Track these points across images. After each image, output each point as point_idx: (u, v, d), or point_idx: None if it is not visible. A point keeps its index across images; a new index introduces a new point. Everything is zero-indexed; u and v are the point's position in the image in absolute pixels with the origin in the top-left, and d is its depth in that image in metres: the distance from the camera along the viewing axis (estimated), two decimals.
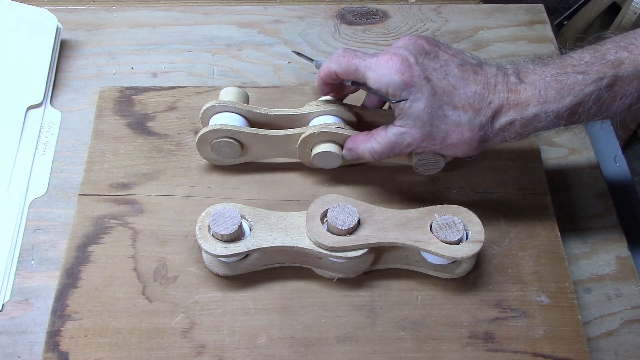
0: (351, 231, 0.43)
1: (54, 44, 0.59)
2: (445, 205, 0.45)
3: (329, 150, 0.48)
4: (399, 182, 0.51)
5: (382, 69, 0.42)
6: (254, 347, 0.43)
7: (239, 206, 0.45)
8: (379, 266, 0.46)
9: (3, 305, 0.46)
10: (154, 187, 0.50)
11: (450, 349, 0.44)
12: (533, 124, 0.42)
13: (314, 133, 0.47)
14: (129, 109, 0.54)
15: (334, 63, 0.45)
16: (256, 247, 0.43)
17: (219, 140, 0.48)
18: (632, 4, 1.14)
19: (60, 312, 0.44)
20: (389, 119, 0.50)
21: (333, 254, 0.43)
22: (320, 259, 0.45)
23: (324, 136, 0.48)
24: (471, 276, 0.47)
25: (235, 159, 0.51)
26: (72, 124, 0.56)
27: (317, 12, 0.66)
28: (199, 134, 0.48)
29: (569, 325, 0.45)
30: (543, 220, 0.49)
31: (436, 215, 0.44)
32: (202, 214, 0.44)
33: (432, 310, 0.45)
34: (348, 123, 0.49)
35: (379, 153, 0.45)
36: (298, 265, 0.46)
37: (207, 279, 0.46)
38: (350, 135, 0.48)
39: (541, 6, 0.68)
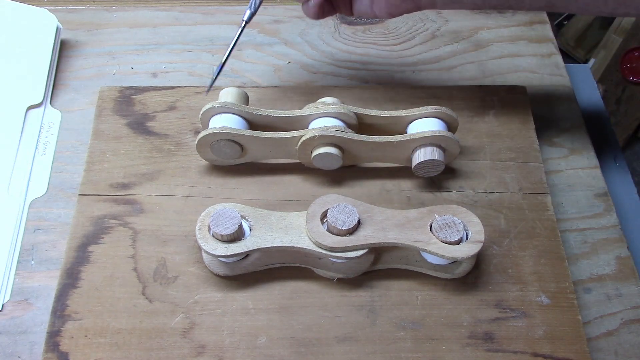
0: (351, 231, 0.43)
1: (54, 44, 0.59)
2: (445, 205, 0.45)
3: (329, 151, 0.48)
4: (399, 182, 0.51)
5: None
6: (254, 347, 0.43)
7: (239, 206, 0.45)
8: (379, 266, 0.46)
9: (3, 305, 0.46)
10: (154, 187, 0.50)
11: (450, 349, 0.44)
12: None
13: (314, 136, 0.47)
14: (129, 108, 0.54)
15: None
16: (256, 248, 0.43)
17: (218, 141, 0.48)
18: None
19: (60, 312, 0.44)
20: (389, 120, 0.50)
21: (333, 254, 0.43)
22: (320, 259, 0.45)
23: (324, 139, 0.48)
24: (471, 276, 0.47)
25: (235, 160, 0.51)
26: (72, 124, 0.56)
27: None
28: (199, 137, 0.48)
29: (569, 325, 0.45)
30: (543, 220, 0.50)
31: (436, 216, 0.44)
32: (202, 214, 0.44)
33: (432, 310, 0.45)
34: (349, 125, 0.49)
35: None
36: (298, 265, 0.46)
37: (207, 279, 0.46)
38: (350, 138, 0.48)
39: None
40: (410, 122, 0.50)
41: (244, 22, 0.48)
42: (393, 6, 0.48)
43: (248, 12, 0.49)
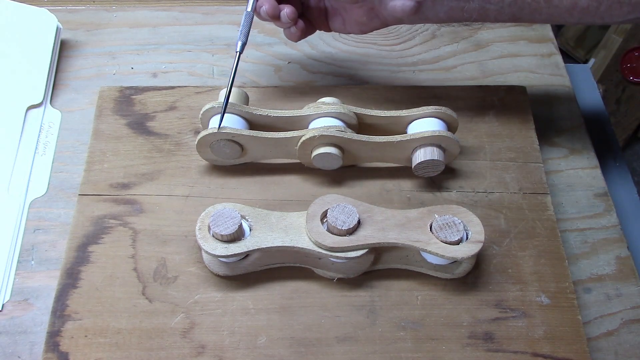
0: (351, 231, 0.43)
1: (54, 44, 0.59)
2: (445, 205, 0.45)
3: (329, 151, 0.48)
4: (399, 182, 0.51)
5: None
6: (254, 347, 0.43)
7: (239, 206, 0.45)
8: (379, 266, 0.46)
9: (3, 305, 0.46)
10: (154, 187, 0.50)
11: (450, 349, 0.44)
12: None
13: (314, 136, 0.47)
14: (129, 108, 0.54)
15: None
16: (256, 248, 0.43)
17: (218, 141, 0.48)
18: None
19: (60, 312, 0.44)
20: (389, 120, 0.50)
21: (333, 254, 0.43)
22: (320, 259, 0.45)
23: (324, 139, 0.48)
24: (471, 276, 0.47)
25: (235, 160, 0.51)
26: (72, 124, 0.56)
27: None
28: (199, 137, 0.48)
29: (569, 325, 0.45)
30: (543, 220, 0.50)
31: (436, 216, 0.44)
32: (202, 214, 0.44)
33: (432, 310, 0.45)
34: (349, 125, 0.49)
35: None
36: (298, 265, 0.46)
37: (207, 279, 0.46)
38: (350, 138, 0.48)
39: None
40: (410, 122, 0.50)
41: (238, 54, 0.49)
42: (362, 25, 0.50)
43: (240, 43, 0.49)
